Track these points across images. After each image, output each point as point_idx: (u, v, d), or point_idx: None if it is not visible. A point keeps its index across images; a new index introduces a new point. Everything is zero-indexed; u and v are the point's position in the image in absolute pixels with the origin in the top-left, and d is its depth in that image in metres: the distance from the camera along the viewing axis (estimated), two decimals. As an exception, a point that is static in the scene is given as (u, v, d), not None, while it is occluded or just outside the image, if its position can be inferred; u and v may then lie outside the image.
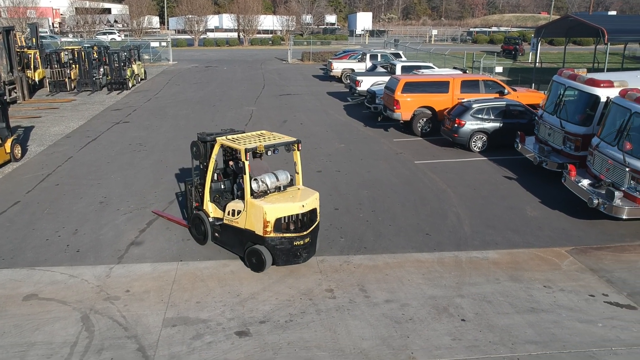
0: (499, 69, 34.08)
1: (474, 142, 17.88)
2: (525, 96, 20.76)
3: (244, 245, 9.98)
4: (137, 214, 12.74)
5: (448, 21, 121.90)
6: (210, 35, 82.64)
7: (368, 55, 36.13)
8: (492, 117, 17.87)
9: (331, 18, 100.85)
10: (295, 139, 10.35)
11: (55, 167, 16.40)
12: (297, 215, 9.78)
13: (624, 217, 11.51)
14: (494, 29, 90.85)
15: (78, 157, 17.55)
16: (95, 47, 34.71)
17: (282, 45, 71.14)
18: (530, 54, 42.72)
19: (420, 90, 20.23)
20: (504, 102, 18.37)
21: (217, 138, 10.50)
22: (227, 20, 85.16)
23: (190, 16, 76.09)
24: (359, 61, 36.56)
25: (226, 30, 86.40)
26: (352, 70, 34.96)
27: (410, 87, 20.17)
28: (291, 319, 8.41)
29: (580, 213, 12.63)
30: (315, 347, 7.71)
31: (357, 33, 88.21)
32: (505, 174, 15.83)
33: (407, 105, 20.11)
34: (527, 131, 16.78)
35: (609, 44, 24.37)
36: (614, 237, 11.62)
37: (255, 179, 9.87)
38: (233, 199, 10.62)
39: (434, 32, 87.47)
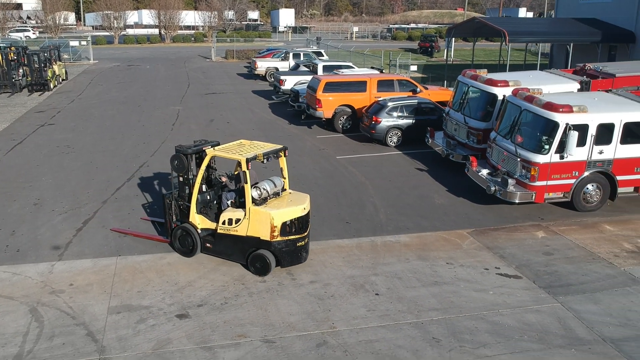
0: (413, 67, 36.03)
1: (389, 137, 19.35)
2: (436, 94, 22.50)
3: (245, 252, 10.40)
4: (73, 214, 13.26)
5: (369, 17, 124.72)
6: (130, 32, 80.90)
7: (291, 54, 37.18)
8: (406, 115, 19.39)
9: (254, 14, 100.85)
10: (282, 146, 10.91)
11: (-18, 171, 16.50)
12: (298, 217, 10.33)
13: (517, 201, 13.26)
14: (412, 25, 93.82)
15: (5, 160, 17.64)
16: (12, 48, 33.83)
17: (205, 43, 70.85)
18: (445, 51, 45.18)
19: (340, 90, 21.51)
20: (416, 100, 19.94)
21: (206, 150, 10.73)
22: (147, 16, 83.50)
23: (108, 12, 74.22)
24: (282, 60, 37.57)
25: (146, 27, 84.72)
26: (276, 69, 35.87)
27: (331, 87, 21.41)
28: (226, 302, 9.40)
29: (480, 199, 14.26)
30: (249, 324, 8.75)
31: (280, 30, 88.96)
32: (417, 166, 17.36)
33: (329, 104, 21.36)
34: (437, 127, 18.39)
35: (509, 44, 26.59)
36: (509, 219, 13.30)
37: (256, 187, 10.31)
38: (219, 208, 10.96)
39: (355, 28, 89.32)
